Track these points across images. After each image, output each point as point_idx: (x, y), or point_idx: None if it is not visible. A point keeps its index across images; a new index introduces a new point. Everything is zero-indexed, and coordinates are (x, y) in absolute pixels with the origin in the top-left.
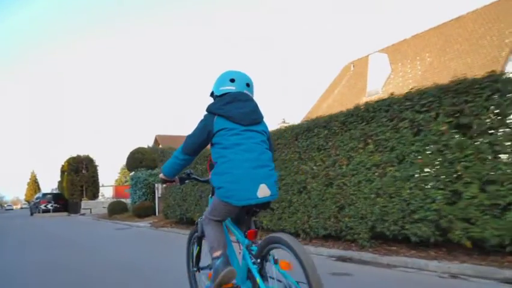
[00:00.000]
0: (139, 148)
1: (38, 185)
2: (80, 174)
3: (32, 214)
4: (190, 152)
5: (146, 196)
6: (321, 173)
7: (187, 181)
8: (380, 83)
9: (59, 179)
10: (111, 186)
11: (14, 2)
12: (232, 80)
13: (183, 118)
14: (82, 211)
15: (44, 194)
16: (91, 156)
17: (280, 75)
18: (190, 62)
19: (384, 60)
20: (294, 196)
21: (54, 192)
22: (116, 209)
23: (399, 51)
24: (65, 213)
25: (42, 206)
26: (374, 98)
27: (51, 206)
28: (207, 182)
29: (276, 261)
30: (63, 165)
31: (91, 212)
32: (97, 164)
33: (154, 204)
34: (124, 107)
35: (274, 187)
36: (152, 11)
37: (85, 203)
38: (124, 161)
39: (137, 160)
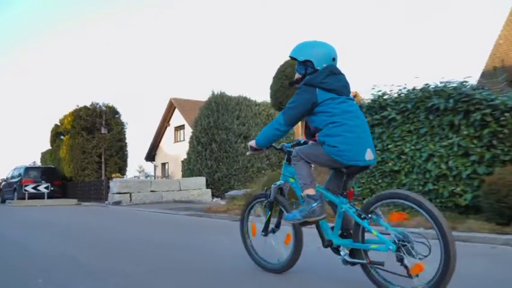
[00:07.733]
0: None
1: None
2: (97, 135)
3: (3, 201)
4: (293, 123)
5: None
6: None
7: (264, 148)
8: None
9: (44, 148)
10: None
11: None
12: (334, 59)
13: (197, 81)
14: (114, 197)
15: (27, 169)
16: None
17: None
18: (203, 23)
19: None
20: None
21: (43, 166)
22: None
23: None
24: (74, 201)
25: (29, 188)
26: None
27: (45, 188)
28: (281, 150)
29: (380, 217)
30: (58, 125)
31: (130, 200)
32: (124, 120)
33: None
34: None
35: (375, 153)
36: None
37: (121, 184)
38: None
39: None
